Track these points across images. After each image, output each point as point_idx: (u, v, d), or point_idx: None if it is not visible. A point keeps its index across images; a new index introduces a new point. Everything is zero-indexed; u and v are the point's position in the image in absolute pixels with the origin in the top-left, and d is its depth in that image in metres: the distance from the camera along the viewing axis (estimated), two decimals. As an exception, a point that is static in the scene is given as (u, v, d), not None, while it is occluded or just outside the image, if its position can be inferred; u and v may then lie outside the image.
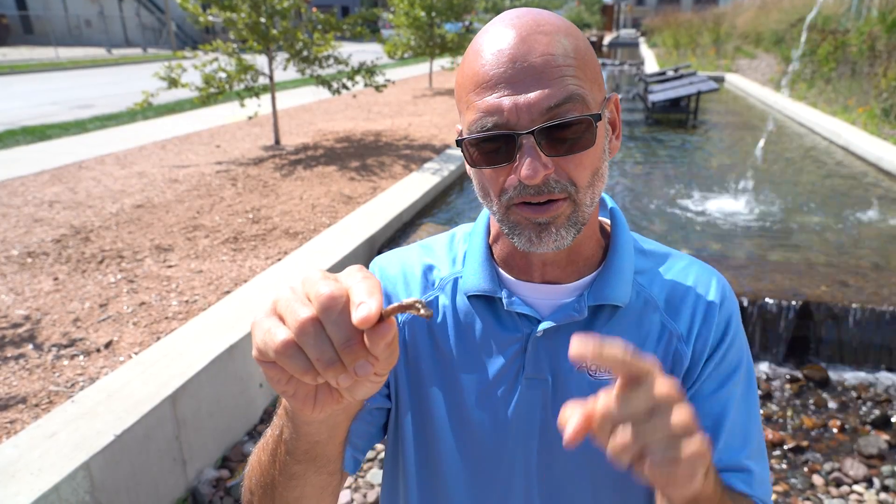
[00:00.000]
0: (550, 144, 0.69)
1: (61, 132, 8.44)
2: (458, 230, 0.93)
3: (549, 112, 0.68)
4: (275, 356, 0.49)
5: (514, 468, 0.82)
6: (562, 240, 0.73)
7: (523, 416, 0.81)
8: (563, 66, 0.69)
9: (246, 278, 3.56)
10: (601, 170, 0.74)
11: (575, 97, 0.68)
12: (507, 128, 0.69)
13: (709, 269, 0.88)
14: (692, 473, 0.51)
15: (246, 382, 2.78)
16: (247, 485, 0.79)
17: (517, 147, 0.69)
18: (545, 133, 0.68)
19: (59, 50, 28.07)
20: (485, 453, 0.83)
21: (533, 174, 0.67)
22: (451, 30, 14.25)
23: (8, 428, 2.24)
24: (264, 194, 5.39)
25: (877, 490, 2.51)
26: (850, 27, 11.08)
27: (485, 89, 0.69)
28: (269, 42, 6.95)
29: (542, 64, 0.68)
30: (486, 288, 0.81)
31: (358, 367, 0.48)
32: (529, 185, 0.69)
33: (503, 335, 0.81)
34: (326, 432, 0.69)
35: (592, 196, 0.74)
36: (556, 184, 0.70)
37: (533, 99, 0.67)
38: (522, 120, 0.68)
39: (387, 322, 0.48)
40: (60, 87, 15.50)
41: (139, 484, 2.20)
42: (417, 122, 9.35)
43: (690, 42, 21.94)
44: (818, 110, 9.84)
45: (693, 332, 0.82)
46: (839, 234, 4.57)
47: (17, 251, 4.03)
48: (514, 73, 0.68)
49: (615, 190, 6.00)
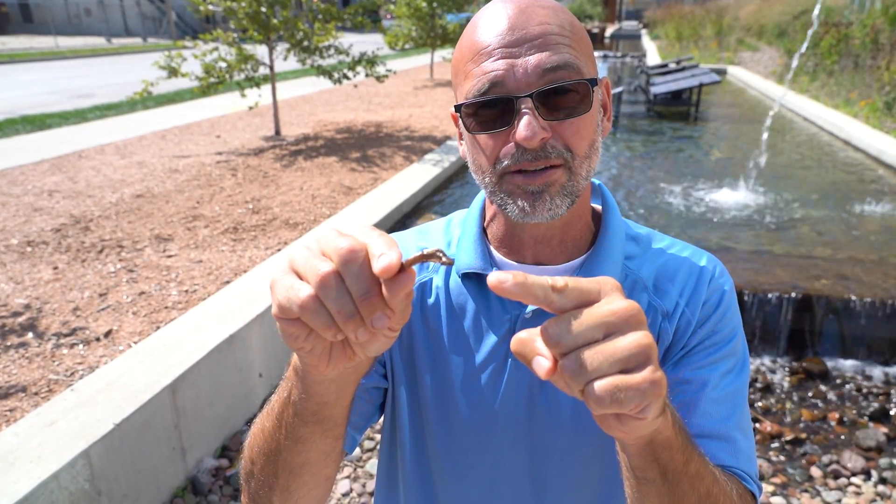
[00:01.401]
0: (548, 108, 0.70)
1: (61, 121, 8.41)
2: (454, 215, 0.94)
3: (546, 75, 0.69)
4: (299, 311, 0.49)
5: (503, 448, 0.83)
6: (556, 208, 0.73)
7: (511, 396, 0.81)
8: (560, 35, 0.71)
9: (246, 268, 3.56)
10: (596, 143, 0.75)
11: (571, 64, 0.70)
12: (506, 91, 0.69)
13: (701, 251, 0.88)
14: (641, 405, 0.46)
15: (245, 372, 2.78)
16: (247, 455, 0.78)
17: (515, 111, 0.69)
18: (543, 97, 0.69)
19: (59, 39, 27.98)
20: (474, 432, 0.83)
21: (531, 135, 0.68)
22: (452, 20, 14.18)
23: (8, 416, 2.24)
24: (264, 185, 5.38)
25: (874, 483, 2.52)
26: (854, 20, 11.03)
27: (483, 56, 0.71)
28: (270, 32, 6.91)
29: (540, 32, 0.70)
30: (478, 266, 0.82)
31: (375, 320, 0.48)
32: (528, 147, 0.70)
33: (493, 316, 0.82)
34: (335, 392, 0.68)
35: (588, 168, 0.74)
36: (553, 149, 0.70)
37: (531, 62, 0.69)
38: (520, 84, 0.69)
39: (407, 272, 0.48)
40: (60, 77, 15.46)
41: (139, 472, 2.20)
42: (418, 113, 9.32)
43: (693, 34, 21.84)
44: (820, 103, 9.81)
45: (679, 308, 0.82)
46: (840, 227, 4.57)
47: (17, 240, 4.03)
48: (513, 39, 0.70)
49: (616, 181, 5.99)
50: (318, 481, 0.77)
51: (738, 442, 0.78)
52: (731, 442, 0.77)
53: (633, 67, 17.66)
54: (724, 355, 0.81)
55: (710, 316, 0.82)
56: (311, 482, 0.76)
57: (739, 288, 3.39)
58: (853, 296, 3.28)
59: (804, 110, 9.55)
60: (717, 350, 0.81)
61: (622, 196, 5.52)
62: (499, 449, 0.83)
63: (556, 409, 0.81)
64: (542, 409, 0.81)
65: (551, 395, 0.81)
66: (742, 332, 0.85)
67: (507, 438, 0.83)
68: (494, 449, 0.83)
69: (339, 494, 2.47)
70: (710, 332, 0.82)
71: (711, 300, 0.82)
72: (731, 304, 0.83)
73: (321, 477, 0.77)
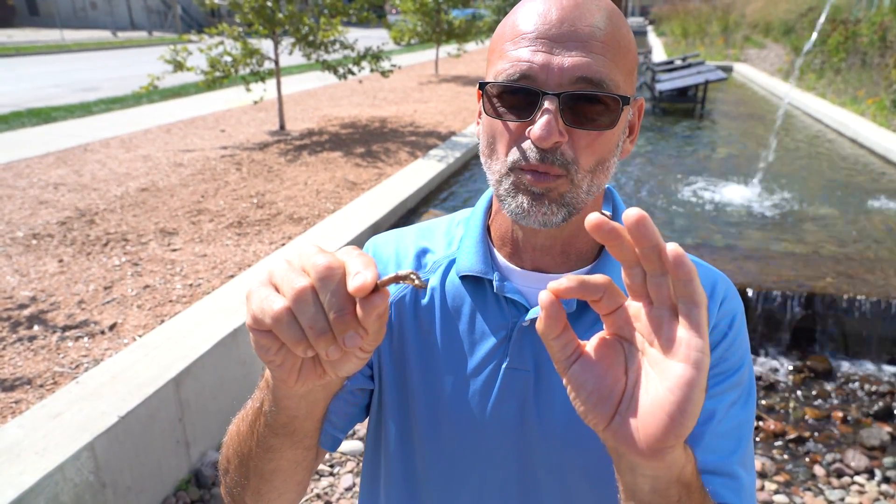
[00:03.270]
0: (571, 114, 0.67)
1: (66, 115, 8.43)
2: (457, 214, 0.91)
3: (579, 81, 0.66)
4: (271, 323, 0.49)
5: (492, 457, 0.80)
6: (552, 215, 0.70)
7: (503, 405, 0.79)
8: (607, 44, 0.67)
9: (250, 263, 3.56)
10: (609, 162, 0.72)
11: (608, 79, 0.67)
12: (536, 84, 0.67)
13: (713, 270, 0.84)
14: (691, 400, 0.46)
15: (249, 366, 2.79)
16: (224, 452, 0.79)
17: (538, 107, 0.67)
18: (570, 100, 0.67)
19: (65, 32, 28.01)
20: (463, 439, 0.81)
21: (546, 136, 0.65)
22: (458, 16, 14.15)
23: (13, 408, 2.26)
24: (269, 179, 5.38)
25: (878, 482, 2.51)
26: (861, 17, 10.96)
27: (523, 40, 0.68)
28: (275, 26, 6.91)
29: (588, 34, 0.67)
30: (479, 269, 0.79)
31: (347, 339, 0.48)
32: (539, 147, 0.68)
33: (490, 321, 0.79)
34: (305, 408, 0.68)
35: (590, 184, 0.71)
36: (561, 157, 0.68)
37: (568, 63, 0.66)
38: (552, 80, 0.66)
39: (381, 292, 0.48)
40: (65, 70, 15.48)
41: (143, 465, 2.21)
42: (423, 108, 9.31)
43: (699, 31, 21.74)
44: (827, 101, 9.76)
45: None
46: (845, 225, 4.55)
47: (23, 233, 4.04)
48: (559, 33, 0.67)
49: (621, 178, 5.98)
50: (290, 486, 0.77)
51: (741, 479, 0.74)
52: (735, 479, 0.74)
53: (639, 64, 17.58)
54: (731, 385, 0.77)
55: (720, 342, 0.77)
56: (282, 487, 0.76)
57: (744, 286, 3.38)
58: (858, 294, 3.27)
59: (811, 108, 9.51)
60: (724, 379, 0.77)
61: (628, 193, 5.50)
62: (488, 457, 0.81)
63: (549, 420, 0.78)
64: (534, 419, 0.78)
65: (544, 405, 0.78)
66: (750, 359, 0.81)
67: (497, 447, 0.80)
68: (483, 457, 0.81)
69: (342, 489, 2.48)
70: (719, 359, 0.77)
71: (721, 325, 0.78)
72: (741, 330, 0.80)
73: (292, 482, 0.77)
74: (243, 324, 2.73)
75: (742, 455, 0.76)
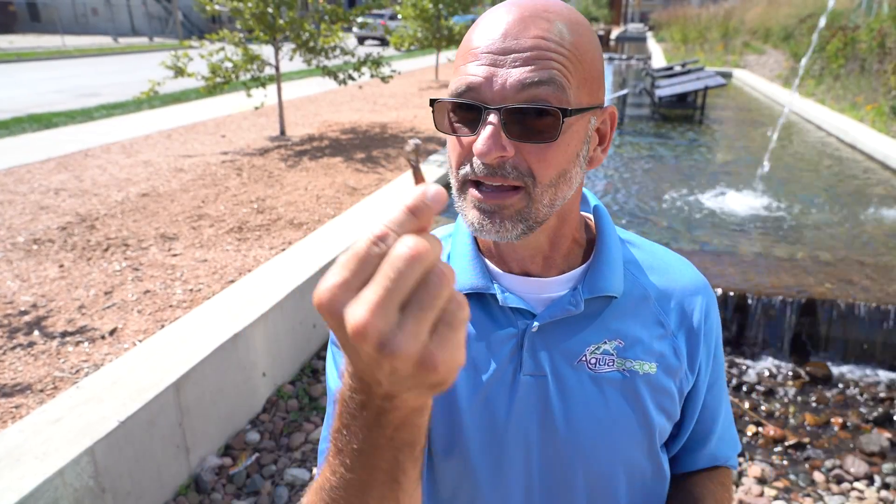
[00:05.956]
0: (515, 127, 0.67)
1: (67, 120, 8.45)
2: (437, 231, 0.89)
3: (522, 92, 0.66)
4: None
5: (514, 466, 0.80)
6: (506, 232, 0.70)
7: (522, 414, 0.78)
8: (554, 52, 0.67)
9: (250, 268, 3.57)
10: (570, 173, 0.71)
11: (553, 84, 0.66)
12: (479, 99, 0.67)
13: (684, 259, 0.90)
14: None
15: (249, 371, 2.79)
16: None
17: (482, 121, 0.67)
18: (511, 114, 0.66)
19: (66, 38, 28.09)
20: (484, 454, 0.80)
21: (487, 151, 0.66)
22: (458, 22, 14.19)
23: (13, 413, 2.26)
24: (269, 185, 5.39)
25: (878, 488, 2.51)
26: (861, 23, 11.00)
27: (471, 56, 0.69)
28: (276, 32, 6.93)
29: (532, 46, 0.66)
30: (479, 285, 0.79)
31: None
32: (484, 162, 0.68)
33: (498, 332, 0.79)
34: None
35: (552, 197, 0.71)
36: (514, 170, 0.68)
37: (510, 77, 0.66)
38: (495, 95, 0.66)
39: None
40: (67, 75, 15.52)
41: (143, 470, 2.21)
42: (423, 114, 9.33)
43: (699, 37, 21.80)
44: (826, 107, 9.78)
45: (683, 326, 0.83)
46: (844, 231, 4.56)
47: (23, 238, 4.05)
48: (502, 48, 0.67)
49: (620, 184, 5.99)
50: None
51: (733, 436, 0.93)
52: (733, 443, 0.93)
53: (639, 70, 17.64)
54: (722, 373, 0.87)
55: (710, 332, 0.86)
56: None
57: (744, 291, 3.38)
58: (858, 300, 3.28)
59: (810, 114, 9.53)
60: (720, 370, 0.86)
61: (625, 199, 5.51)
62: (510, 472, 0.79)
63: (575, 420, 0.78)
64: (559, 422, 0.78)
65: (569, 406, 0.78)
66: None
67: (520, 460, 0.79)
68: (506, 472, 0.80)
69: None
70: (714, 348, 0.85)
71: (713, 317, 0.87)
72: (718, 315, 0.89)
73: None
74: (244, 329, 2.73)
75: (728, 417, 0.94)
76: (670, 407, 0.82)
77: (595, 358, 0.78)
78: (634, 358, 0.79)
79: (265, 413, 2.87)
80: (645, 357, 0.80)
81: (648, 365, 0.80)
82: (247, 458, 2.60)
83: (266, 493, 2.46)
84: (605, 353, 0.79)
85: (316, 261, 3.48)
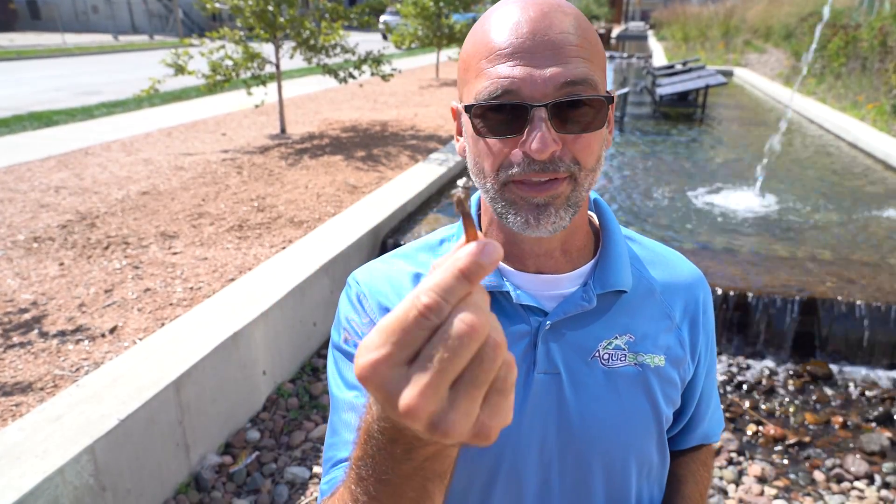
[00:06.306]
0: (562, 121, 0.68)
1: (68, 118, 8.44)
2: (435, 235, 0.90)
3: (564, 88, 0.67)
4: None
5: (529, 464, 0.79)
6: (560, 221, 0.71)
7: (537, 412, 0.78)
8: (579, 46, 0.69)
9: (250, 266, 3.57)
10: (602, 157, 0.75)
11: (589, 80, 0.68)
12: (521, 98, 0.67)
13: (678, 253, 0.93)
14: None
15: (249, 369, 2.79)
16: None
17: (528, 120, 0.67)
18: (558, 108, 0.67)
19: (66, 36, 28.08)
20: (500, 453, 0.79)
21: (543, 148, 0.66)
22: (458, 20, 14.17)
23: (13, 411, 2.26)
24: (269, 183, 5.39)
25: (878, 487, 2.51)
26: (862, 22, 10.98)
27: (500, 57, 0.68)
28: (276, 30, 6.92)
29: (561, 41, 0.68)
30: (493, 283, 0.78)
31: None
32: (537, 159, 0.68)
33: (510, 330, 0.78)
34: None
35: (591, 180, 0.74)
36: (562, 162, 0.69)
37: (549, 74, 0.67)
38: (537, 93, 0.67)
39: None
40: (67, 73, 15.51)
41: (143, 468, 2.21)
42: (424, 112, 9.32)
43: (699, 35, 21.78)
44: (827, 106, 9.77)
45: (686, 317, 0.85)
46: (845, 230, 4.55)
47: (24, 236, 4.05)
48: (533, 45, 0.67)
49: (621, 182, 5.98)
50: None
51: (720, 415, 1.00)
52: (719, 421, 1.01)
53: (640, 68, 17.62)
54: (714, 361, 0.91)
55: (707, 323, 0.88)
56: None
57: (744, 290, 3.38)
58: (858, 299, 3.27)
59: (811, 113, 9.52)
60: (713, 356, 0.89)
61: (626, 197, 5.51)
62: (525, 469, 0.79)
63: (591, 415, 0.78)
64: (575, 419, 0.78)
65: (584, 403, 0.78)
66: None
67: (534, 457, 0.79)
68: (520, 469, 0.79)
69: None
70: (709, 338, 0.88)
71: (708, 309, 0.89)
72: (712, 305, 0.92)
73: None
74: (244, 327, 2.73)
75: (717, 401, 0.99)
76: (675, 396, 0.85)
77: (608, 353, 0.79)
78: (645, 352, 0.80)
79: (265, 411, 2.87)
80: (654, 350, 0.81)
81: (658, 358, 0.81)
82: (247, 457, 2.60)
83: (266, 492, 2.46)
84: (618, 348, 0.80)
85: (316, 259, 3.48)
